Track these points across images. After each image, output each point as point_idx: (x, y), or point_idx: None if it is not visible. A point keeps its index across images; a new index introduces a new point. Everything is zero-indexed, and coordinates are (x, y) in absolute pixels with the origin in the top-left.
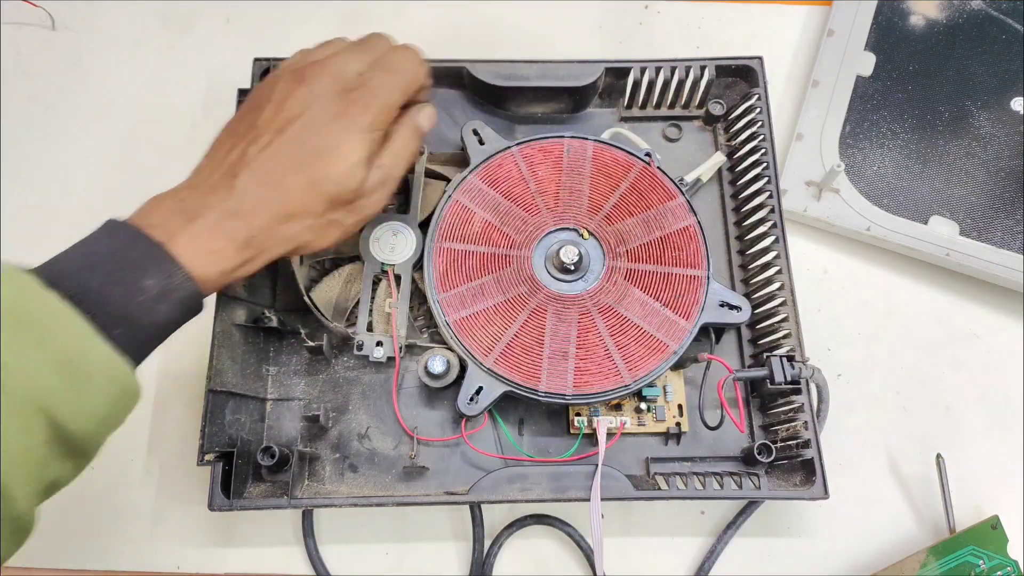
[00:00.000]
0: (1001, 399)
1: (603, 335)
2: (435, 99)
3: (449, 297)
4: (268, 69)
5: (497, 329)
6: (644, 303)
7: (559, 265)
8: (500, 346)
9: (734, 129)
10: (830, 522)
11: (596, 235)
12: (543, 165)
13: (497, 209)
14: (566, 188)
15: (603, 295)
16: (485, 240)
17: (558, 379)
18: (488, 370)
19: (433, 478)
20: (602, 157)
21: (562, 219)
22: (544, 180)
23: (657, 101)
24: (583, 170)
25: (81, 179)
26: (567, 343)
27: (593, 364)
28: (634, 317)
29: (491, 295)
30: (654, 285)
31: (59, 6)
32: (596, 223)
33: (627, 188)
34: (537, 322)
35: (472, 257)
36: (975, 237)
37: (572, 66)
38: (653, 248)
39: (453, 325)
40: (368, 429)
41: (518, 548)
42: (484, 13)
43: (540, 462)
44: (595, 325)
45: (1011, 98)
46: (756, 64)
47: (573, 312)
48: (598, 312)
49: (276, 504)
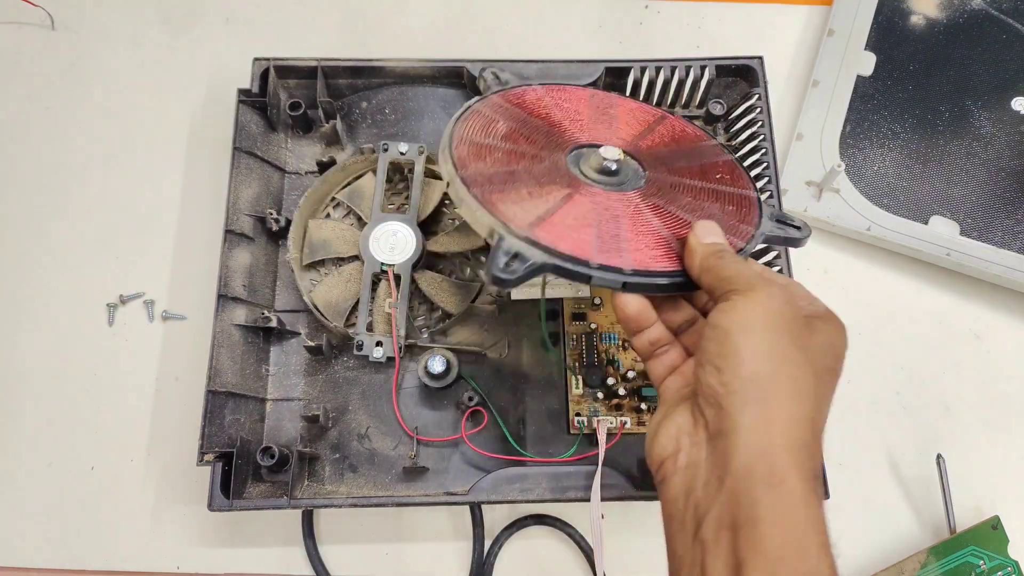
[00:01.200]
0: (1001, 399)
1: (657, 223)
2: (435, 98)
3: (471, 175)
4: (268, 69)
5: (533, 205)
6: (696, 207)
7: (599, 165)
8: (539, 213)
9: (734, 129)
10: (830, 522)
11: (632, 155)
12: (569, 101)
13: (524, 121)
14: (594, 119)
15: (650, 195)
16: (511, 141)
17: (613, 254)
18: (526, 238)
19: (433, 478)
20: (629, 104)
21: (593, 139)
22: (571, 111)
23: (657, 101)
24: (611, 111)
25: (81, 179)
26: (617, 224)
27: (651, 242)
28: (689, 215)
29: (523, 182)
30: (703, 197)
31: (59, 6)
32: (631, 147)
33: (658, 127)
34: (581, 204)
35: (497, 152)
36: (975, 237)
37: (572, 66)
38: (694, 171)
39: (480, 195)
40: (368, 429)
41: (518, 548)
42: (484, 13)
43: (540, 462)
44: (646, 216)
45: (1011, 98)
46: (756, 64)
47: (618, 203)
48: (648, 207)
49: (276, 504)
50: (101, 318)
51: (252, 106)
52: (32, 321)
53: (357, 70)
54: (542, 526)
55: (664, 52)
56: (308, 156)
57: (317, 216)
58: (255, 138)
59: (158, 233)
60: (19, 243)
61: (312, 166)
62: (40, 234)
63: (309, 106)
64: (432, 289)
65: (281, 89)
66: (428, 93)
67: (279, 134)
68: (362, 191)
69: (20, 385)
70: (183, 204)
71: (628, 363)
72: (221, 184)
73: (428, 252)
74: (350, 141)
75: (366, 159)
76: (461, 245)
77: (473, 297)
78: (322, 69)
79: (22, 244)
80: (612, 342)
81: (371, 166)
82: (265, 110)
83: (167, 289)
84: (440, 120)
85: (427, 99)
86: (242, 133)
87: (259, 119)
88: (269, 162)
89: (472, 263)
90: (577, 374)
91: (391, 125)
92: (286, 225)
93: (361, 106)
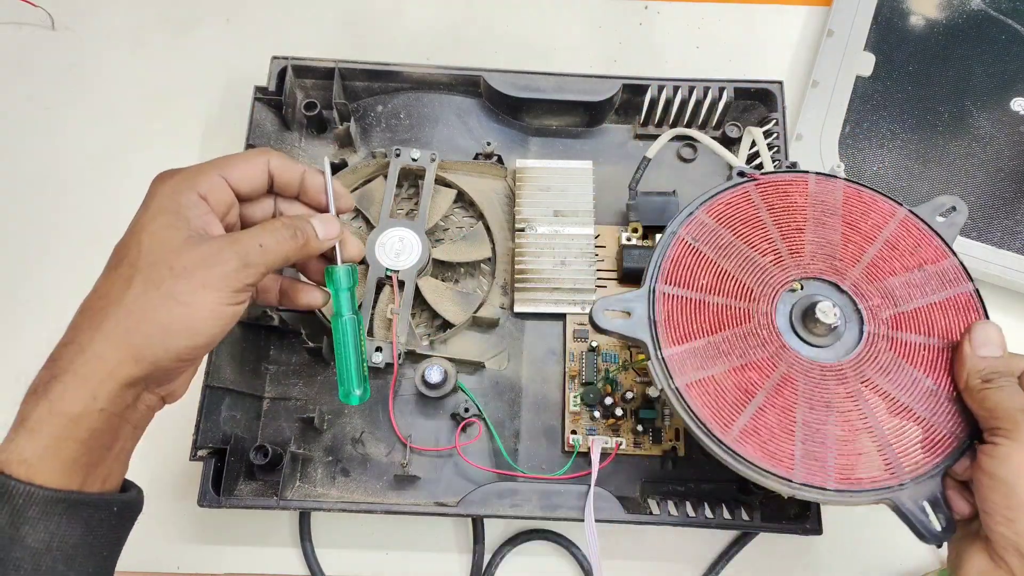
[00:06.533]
0: None
1: (871, 416)
2: (450, 106)
3: (678, 353)
4: (285, 68)
5: (737, 399)
6: (917, 381)
7: (812, 325)
8: (743, 420)
9: (750, 152)
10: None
11: (852, 293)
12: (782, 205)
13: (731, 253)
14: (811, 233)
15: (866, 365)
16: (719, 290)
17: (816, 467)
18: (728, 450)
19: (424, 487)
20: (854, 200)
21: (808, 269)
22: (785, 223)
23: (673, 120)
24: (833, 213)
25: (80, 179)
26: (824, 421)
27: (860, 449)
28: (908, 398)
29: (728, 355)
30: (925, 362)
31: (59, 6)
32: (852, 279)
33: (887, 239)
34: (786, 393)
35: (703, 308)
36: (975, 237)
37: (589, 81)
38: (922, 315)
39: (684, 391)
40: (362, 434)
41: (518, 563)
42: (483, 12)
43: (532, 478)
44: (859, 402)
45: (1011, 98)
46: (776, 88)
47: (830, 383)
48: (863, 385)
49: (265, 504)
50: None
51: (268, 104)
52: (32, 321)
53: (374, 73)
54: (543, 542)
55: (664, 52)
56: (321, 156)
57: None
58: (269, 136)
59: None
60: (19, 243)
61: None
62: (40, 234)
63: (324, 107)
64: (435, 297)
65: (297, 89)
66: (443, 100)
67: (293, 133)
68: (372, 195)
69: (20, 384)
70: None
71: (627, 383)
72: None
73: (434, 260)
74: (363, 144)
75: (378, 163)
76: (467, 255)
77: (475, 308)
78: (339, 71)
79: (22, 244)
80: (613, 361)
81: (382, 170)
82: (280, 108)
83: None
84: (454, 128)
85: (442, 106)
86: (256, 130)
87: (274, 117)
88: None
89: (478, 273)
90: (575, 391)
91: (405, 130)
92: None
93: (376, 110)
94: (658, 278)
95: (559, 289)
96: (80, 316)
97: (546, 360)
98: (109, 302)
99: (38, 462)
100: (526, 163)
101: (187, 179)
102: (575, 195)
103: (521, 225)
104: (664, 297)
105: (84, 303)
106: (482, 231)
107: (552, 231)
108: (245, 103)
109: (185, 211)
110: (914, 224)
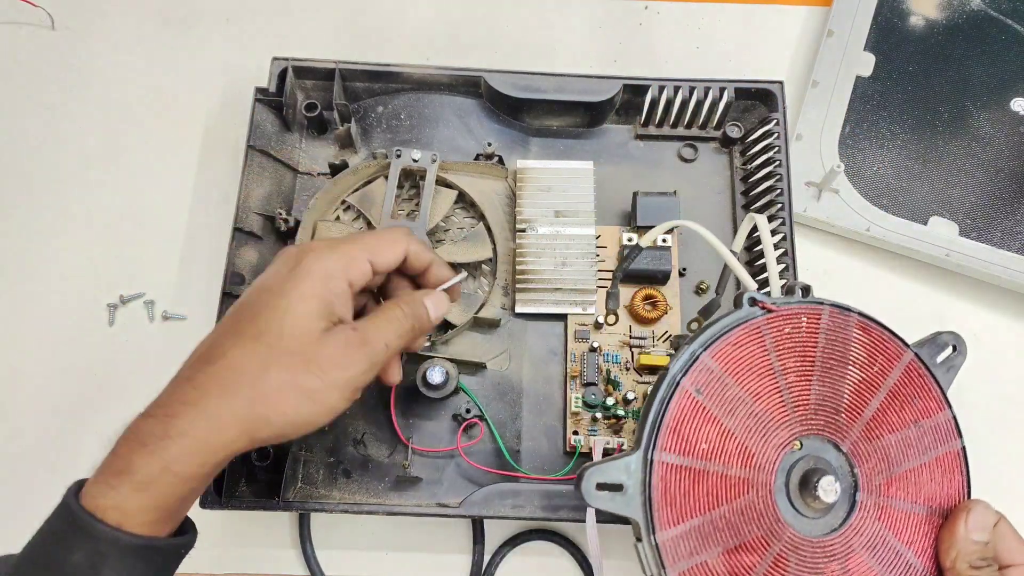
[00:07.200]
0: (1000, 399)
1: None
2: (451, 107)
3: (672, 537)
4: (286, 69)
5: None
6: (901, 556)
7: (810, 500)
8: None
9: (750, 153)
10: None
11: (850, 454)
12: (791, 345)
13: (735, 408)
14: (818, 382)
15: (855, 539)
16: (719, 455)
17: None
18: None
19: (426, 488)
20: (864, 341)
21: (810, 424)
22: (792, 369)
23: (674, 121)
24: (842, 358)
25: (80, 179)
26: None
27: None
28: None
29: (721, 536)
30: (909, 532)
31: (59, 6)
32: (852, 438)
33: (891, 388)
34: (781, 570)
35: (702, 480)
36: (975, 237)
37: (590, 81)
38: (911, 478)
39: None
40: (364, 435)
41: (518, 563)
42: (483, 13)
43: (534, 479)
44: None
45: (1011, 98)
46: (776, 88)
47: (820, 562)
48: (850, 561)
49: (266, 505)
50: (101, 318)
51: (268, 105)
52: (32, 321)
53: (375, 74)
54: (544, 542)
55: (664, 52)
56: (321, 158)
57: (327, 218)
58: (269, 137)
59: (158, 232)
60: (19, 243)
61: (324, 168)
62: (40, 234)
63: (325, 108)
64: None
65: (298, 89)
66: (444, 101)
67: (293, 134)
68: (373, 196)
69: (20, 384)
70: (185, 203)
71: (629, 384)
72: (224, 183)
73: None
74: (364, 145)
75: (378, 164)
76: (468, 256)
77: (477, 308)
78: (340, 72)
79: (22, 244)
80: (615, 362)
81: (383, 171)
82: (281, 109)
83: (167, 289)
84: (455, 128)
85: (443, 107)
86: (257, 131)
87: (274, 118)
88: (282, 162)
89: (479, 274)
90: (576, 392)
91: (406, 131)
92: (295, 225)
93: (377, 110)
94: (657, 443)
95: (560, 290)
96: (207, 379)
97: (547, 361)
98: (242, 379)
99: (136, 513)
100: (527, 164)
101: (342, 267)
102: (576, 196)
103: (522, 226)
104: (662, 468)
105: (212, 365)
106: (483, 232)
107: (553, 232)
108: (245, 103)
109: (333, 300)
110: (916, 370)
